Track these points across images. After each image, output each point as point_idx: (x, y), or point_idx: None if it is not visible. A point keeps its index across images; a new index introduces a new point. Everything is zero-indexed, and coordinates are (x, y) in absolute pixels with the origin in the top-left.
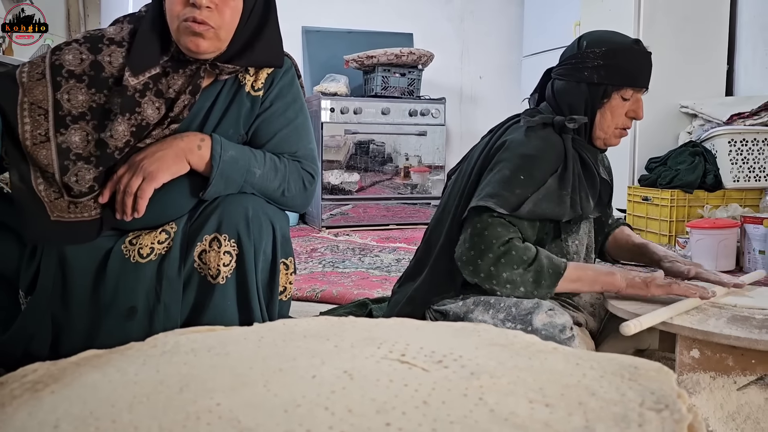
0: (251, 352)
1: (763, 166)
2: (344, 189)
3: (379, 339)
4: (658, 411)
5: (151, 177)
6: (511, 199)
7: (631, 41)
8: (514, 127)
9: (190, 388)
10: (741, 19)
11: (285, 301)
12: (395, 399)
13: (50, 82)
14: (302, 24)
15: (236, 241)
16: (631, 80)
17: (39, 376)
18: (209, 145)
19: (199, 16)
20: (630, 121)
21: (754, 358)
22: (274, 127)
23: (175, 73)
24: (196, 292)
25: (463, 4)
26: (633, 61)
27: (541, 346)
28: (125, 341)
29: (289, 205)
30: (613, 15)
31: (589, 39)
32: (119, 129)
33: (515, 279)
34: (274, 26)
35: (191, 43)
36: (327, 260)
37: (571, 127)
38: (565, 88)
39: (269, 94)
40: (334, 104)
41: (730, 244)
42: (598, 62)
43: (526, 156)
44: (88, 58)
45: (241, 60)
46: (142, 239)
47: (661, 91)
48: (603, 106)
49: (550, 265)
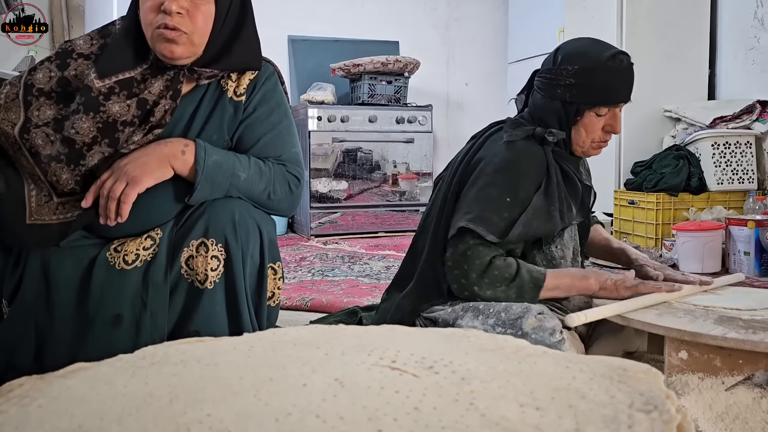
0: (241, 362)
1: (746, 169)
2: (332, 197)
3: (369, 346)
4: (647, 412)
5: (135, 181)
6: (500, 225)
7: (606, 57)
8: (494, 137)
9: (179, 400)
10: (721, 24)
11: (273, 306)
12: (387, 406)
13: (22, 102)
14: (288, 33)
15: (224, 246)
16: (604, 99)
17: (26, 391)
18: (193, 150)
19: (171, 23)
20: (607, 134)
21: (742, 358)
22: (258, 132)
23: (153, 78)
24: (184, 298)
25: (448, 12)
26: (606, 80)
27: (530, 350)
28: (111, 350)
29: (276, 208)
30: (596, 21)
31: (564, 53)
32: (83, 126)
33: (499, 296)
34: (250, 29)
35: (165, 50)
36: (316, 269)
37: (550, 140)
38: (541, 104)
39: (252, 99)
40: (321, 113)
41: (716, 246)
42: (570, 81)
43: (509, 173)
44: (56, 75)
45: (218, 64)
46: (127, 246)
47: (644, 95)
48: (577, 123)
49: (531, 279)
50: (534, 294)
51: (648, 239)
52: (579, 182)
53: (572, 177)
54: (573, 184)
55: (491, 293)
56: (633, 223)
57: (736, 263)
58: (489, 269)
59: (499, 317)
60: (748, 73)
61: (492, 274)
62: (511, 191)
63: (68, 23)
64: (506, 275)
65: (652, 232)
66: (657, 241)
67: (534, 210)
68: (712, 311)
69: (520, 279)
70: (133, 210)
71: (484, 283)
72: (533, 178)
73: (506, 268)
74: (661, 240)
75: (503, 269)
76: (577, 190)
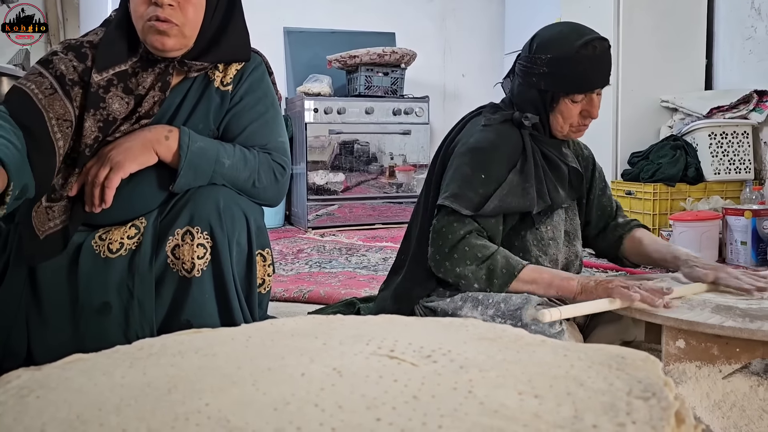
0: (239, 352)
1: (742, 158)
2: (330, 189)
3: (367, 336)
4: (646, 399)
5: (119, 166)
6: (475, 200)
7: (579, 46)
8: (474, 121)
9: (178, 390)
10: (718, 14)
11: (264, 294)
12: (385, 394)
13: (63, 94)
14: (284, 25)
15: (209, 233)
16: (577, 87)
17: (24, 382)
18: (177, 136)
19: (162, 14)
20: (586, 119)
21: (739, 346)
22: (244, 121)
23: (144, 72)
24: (173, 289)
25: (444, 3)
26: (579, 68)
27: (529, 339)
28: (102, 337)
29: (262, 197)
30: (593, 12)
31: (539, 41)
32: (86, 125)
33: (468, 275)
34: (239, 20)
35: (157, 42)
36: (314, 261)
37: (526, 124)
38: (520, 90)
39: (239, 89)
40: (317, 105)
41: (713, 236)
42: (543, 69)
43: (483, 153)
44: (79, 66)
45: (208, 56)
46: (112, 234)
47: (641, 86)
48: (554, 110)
49: (505, 264)
50: (505, 280)
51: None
52: (564, 164)
53: (554, 159)
54: (556, 166)
55: (460, 270)
56: (630, 214)
57: (733, 253)
58: (460, 244)
59: (498, 308)
60: (745, 62)
61: (463, 249)
62: (485, 169)
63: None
64: (479, 254)
65: (650, 222)
66: (655, 231)
67: (509, 186)
68: (709, 302)
69: (492, 261)
70: (117, 199)
71: (454, 259)
72: (507, 158)
73: (480, 247)
74: (659, 230)
75: (477, 248)
76: (561, 173)
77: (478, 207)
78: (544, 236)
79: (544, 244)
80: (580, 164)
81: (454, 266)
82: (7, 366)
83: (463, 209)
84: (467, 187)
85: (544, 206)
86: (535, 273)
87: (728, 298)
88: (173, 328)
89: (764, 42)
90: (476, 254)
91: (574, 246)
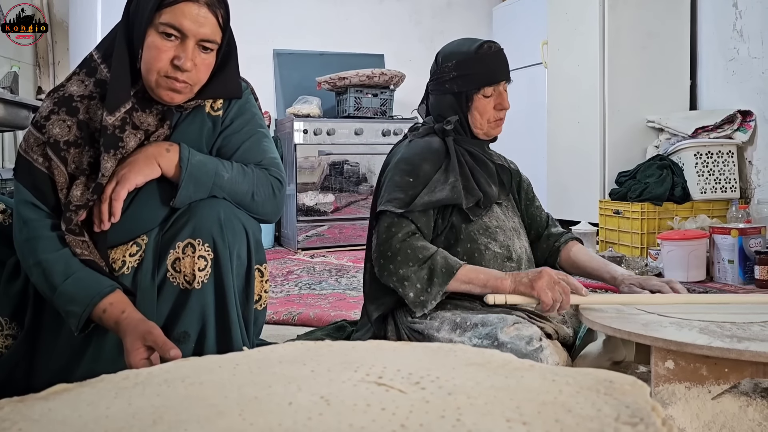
0: (226, 381)
1: (728, 178)
2: (319, 210)
3: (355, 362)
4: (633, 425)
5: (124, 179)
6: (406, 199)
7: (476, 47)
8: (403, 142)
9: (163, 420)
10: (701, 36)
11: (260, 310)
12: (373, 424)
13: (60, 162)
14: (273, 47)
15: (211, 246)
16: (484, 81)
17: (6, 414)
18: (177, 149)
19: (182, 77)
20: (501, 112)
21: (727, 366)
22: (237, 141)
23: (143, 113)
24: (172, 302)
25: (432, 25)
26: (482, 65)
27: (517, 364)
28: (103, 357)
29: (261, 212)
30: (578, 33)
31: (442, 54)
32: (107, 166)
33: (410, 275)
34: (234, 63)
35: (167, 97)
36: (303, 282)
37: (448, 129)
38: (436, 101)
39: (229, 113)
40: (307, 126)
41: (700, 255)
42: (453, 74)
43: (409, 161)
44: (73, 123)
45: (203, 95)
46: (114, 254)
47: (627, 106)
48: (470, 109)
49: (444, 264)
50: (444, 279)
51: (633, 248)
52: (491, 162)
53: (480, 157)
54: (483, 163)
55: (403, 272)
56: (618, 233)
57: (721, 271)
58: (402, 246)
59: (476, 331)
60: (729, 83)
61: (405, 252)
62: (413, 173)
63: (52, 39)
64: (420, 255)
65: (638, 241)
66: (642, 251)
67: (436, 183)
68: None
69: (432, 261)
70: (119, 219)
71: (397, 261)
72: (433, 162)
73: (421, 249)
74: (647, 249)
75: (418, 249)
76: (489, 168)
77: (408, 203)
78: (490, 225)
79: (491, 232)
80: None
81: (397, 268)
82: (9, 391)
83: (396, 209)
84: (398, 191)
85: (474, 200)
86: (472, 273)
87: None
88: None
89: (747, 63)
90: (418, 255)
91: (521, 241)
